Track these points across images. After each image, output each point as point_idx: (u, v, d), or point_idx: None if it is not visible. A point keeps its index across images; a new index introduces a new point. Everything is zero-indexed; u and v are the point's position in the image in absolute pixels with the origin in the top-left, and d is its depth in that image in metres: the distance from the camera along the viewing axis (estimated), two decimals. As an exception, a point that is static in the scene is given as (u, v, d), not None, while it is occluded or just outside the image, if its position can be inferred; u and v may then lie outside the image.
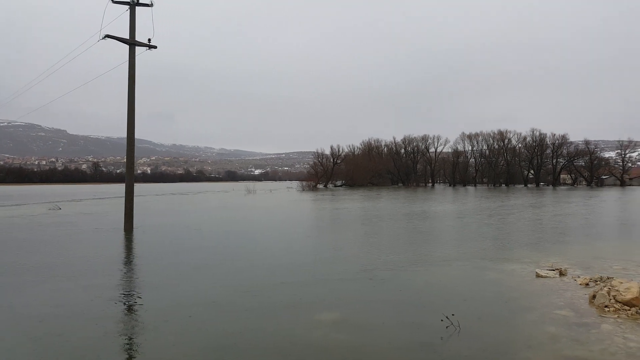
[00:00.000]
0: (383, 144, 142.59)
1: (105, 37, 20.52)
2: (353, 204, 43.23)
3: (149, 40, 21.52)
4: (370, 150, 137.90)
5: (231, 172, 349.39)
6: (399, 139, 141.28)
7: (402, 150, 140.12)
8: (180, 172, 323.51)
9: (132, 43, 21.05)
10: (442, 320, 7.42)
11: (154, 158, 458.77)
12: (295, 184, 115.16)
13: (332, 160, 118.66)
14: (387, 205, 41.90)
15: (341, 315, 8.15)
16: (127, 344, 6.88)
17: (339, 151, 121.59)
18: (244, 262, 13.52)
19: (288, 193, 74.88)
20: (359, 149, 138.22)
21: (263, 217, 31.04)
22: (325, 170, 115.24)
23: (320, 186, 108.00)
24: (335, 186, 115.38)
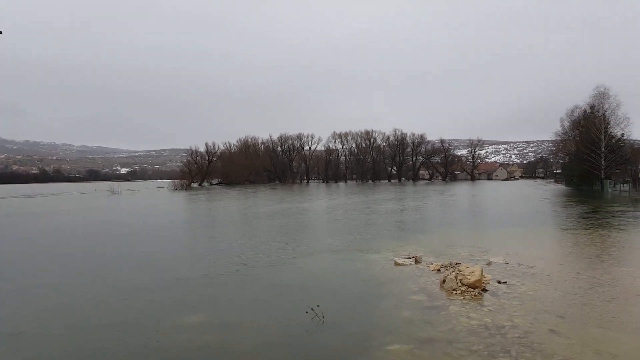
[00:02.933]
0: (260, 141, 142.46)
1: None
2: (228, 203, 42.45)
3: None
4: (247, 148, 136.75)
5: (94, 171, 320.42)
6: (275, 137, 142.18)
7: (279, 148, 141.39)
8: (35, 171, 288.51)
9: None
10: (307, 313, 7.53)
11: (3, 156, 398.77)
12: (166, 183, 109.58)
13: (207, 158, 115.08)
14: (263, 202, 41.88)
15: (208, 316, 7.88)
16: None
17: (214, 149, 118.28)
18: (93, 275, 12.40)
19: (158, 193, 70.94)
20: (236, 146, 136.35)
21: (124, 219, 28.94)
22: (200, 169, 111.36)
23: (195, 185, 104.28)
24: (211, 185, 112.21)
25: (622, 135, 59.64)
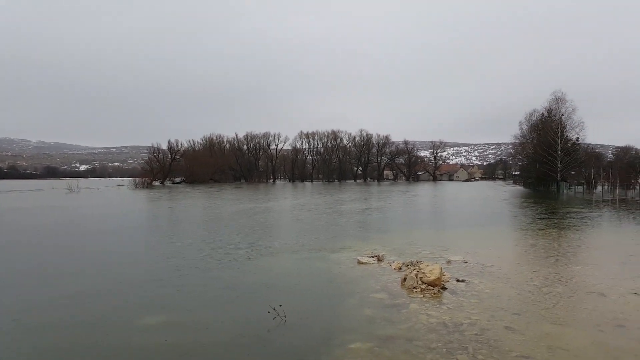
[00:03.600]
0: (225, 139, 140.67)
1: None
2: (191, 202, 41.73)
3: None
4: (212, 146, 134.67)
5: (51, 168, 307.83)
6: (241, 135, 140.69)
7: (245, 147, 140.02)
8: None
9: None
10: (268, 312, 7.47)
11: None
12: (127, 181, 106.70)
13: (170, 155, 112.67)
14: (227, 202, 41.39)
15: (167, 317, 7.70)
16: None
17: (177, 146, 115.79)
18: (53, 271, 11.95)
19: (118, 191, 68.99)
20: (200, 144, 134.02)
21: (82, 219, 28.01)
22: (163, 167, 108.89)
23: (157, 183, 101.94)
24: (174, 183, 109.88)
25: (577, 139, 62.22)
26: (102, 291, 9.47)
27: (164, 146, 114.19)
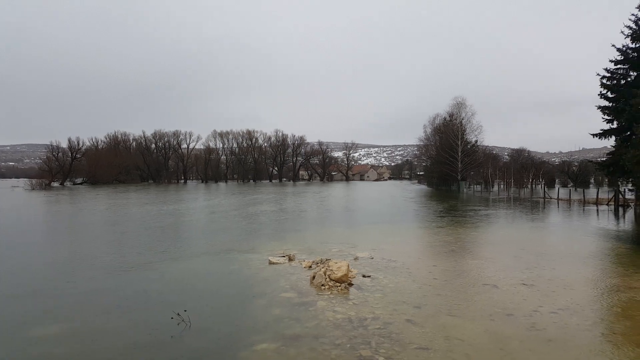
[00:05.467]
0: (131, 138, 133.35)
1: None
2: (93, 204, 39.02)
3: None
4: (117, 145, 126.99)
5: None
6: (149, 133, 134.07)
7: (153, 146, 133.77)
8: None
9: None
10: (172, 318, 7.17)
11: None
12: (23, 182, 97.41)
13: (70, 154, 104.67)
14: (132, 203, 39.26)
15: (65, 327, 7.14)
16: None
17: (79, 144, 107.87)
18: None
19: (12, 193, 62.74)
20: (104, 142, 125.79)
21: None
22: (62, 166, 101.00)
23: (56, 184, 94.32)
24: (75, 184, 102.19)
25: (476, 141, 67.26)
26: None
27: (64, 144, 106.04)
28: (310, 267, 11.11)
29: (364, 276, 10.07)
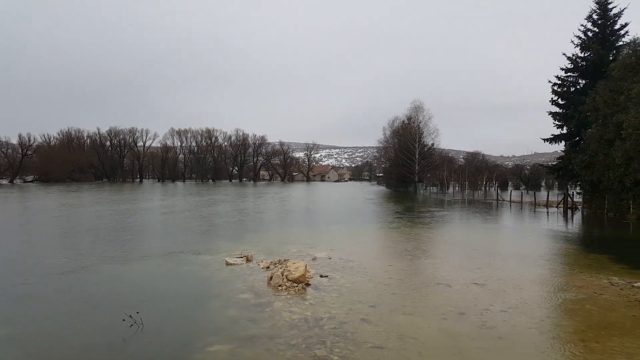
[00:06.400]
0: (86, 134, 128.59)
1: None
2: (44, 203, 37.34)
3: None
4: (70, 142, 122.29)
5: None
6: (104, 130, 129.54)
7: (108, 143, 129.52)
8: None
9: None
10: (124, 320, 6.95)
11: None
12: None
13: (20, 151, 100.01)
14: (85, 203, 37.87)
15: (8, 332, 6.81)
16: None
17: (30, 141, 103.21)
18: None
19: (-50, 190, 59.24)
20: (56, 139, 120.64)
21: None
22: (12, 163, 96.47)
23: (5, 182, 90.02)
24: (25, 182, 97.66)
25: (433, 144, 68.91)
26: None
27: (14, 140, 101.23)
28: (268, 267, 11.05)
29: (321, 276, 10.11)
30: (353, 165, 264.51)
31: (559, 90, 36.01)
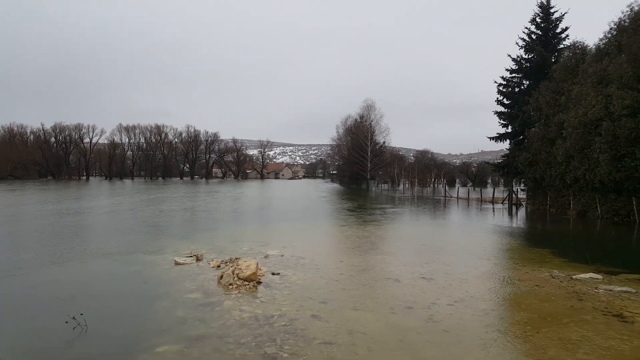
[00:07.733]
0: (29, 130, 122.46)
1: None
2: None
3: None
4: (13, 138, 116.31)
5: None
6: (48, 126, 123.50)
7: (53, 139, 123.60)
8: None
9: None
10: (67, 322, 6.67)
11: None
12: None
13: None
14: (27, 201, 35.96)
15: None
16: None
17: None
18: None
19: None
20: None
21: None
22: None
23: None
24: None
25: (384, 142, 70.24)
26: None
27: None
28: (219, 266, 10.89)
29: (273, 274, 10.08)
30: (307, 162, 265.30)
31: (504, 90, 37.47)
